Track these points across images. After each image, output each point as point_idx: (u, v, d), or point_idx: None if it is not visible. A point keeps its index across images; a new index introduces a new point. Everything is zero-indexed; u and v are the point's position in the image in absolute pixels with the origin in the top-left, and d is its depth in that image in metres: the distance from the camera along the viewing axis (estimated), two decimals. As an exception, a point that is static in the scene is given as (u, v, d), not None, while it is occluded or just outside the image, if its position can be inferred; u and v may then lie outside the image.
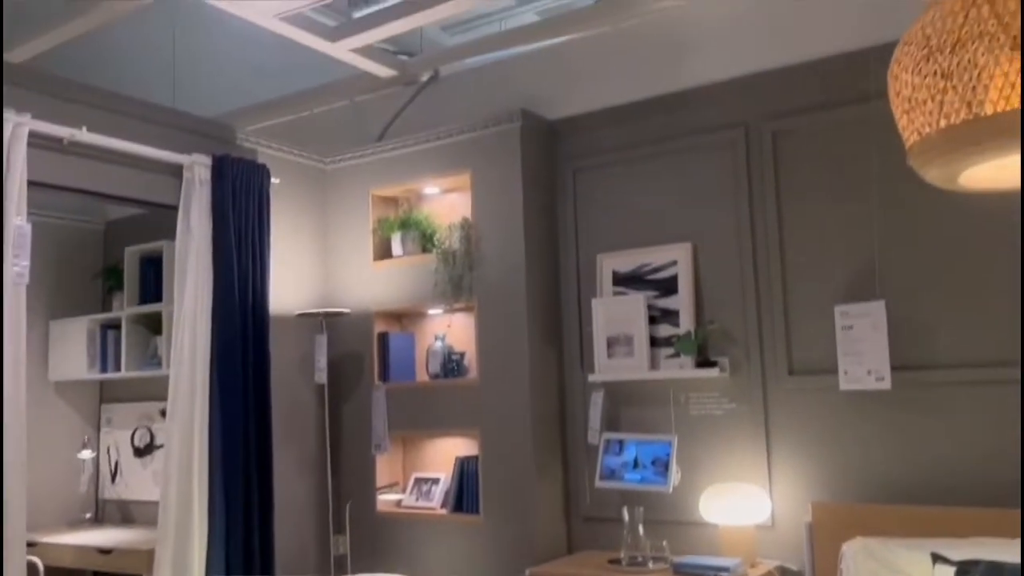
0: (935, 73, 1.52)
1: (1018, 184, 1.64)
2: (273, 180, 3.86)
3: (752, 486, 3.21)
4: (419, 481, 4.03)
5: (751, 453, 3.31)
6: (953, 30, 1.49)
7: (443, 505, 3.88)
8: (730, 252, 3.43)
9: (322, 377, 3.94)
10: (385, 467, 4.06)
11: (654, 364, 3.53)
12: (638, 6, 3.60)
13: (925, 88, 1.54)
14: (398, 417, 3.94)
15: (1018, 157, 1.57)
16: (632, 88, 3.70)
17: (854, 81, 3.13)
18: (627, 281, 3.66)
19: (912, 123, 1.59)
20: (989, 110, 1.47)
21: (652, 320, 3.56)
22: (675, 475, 3.33)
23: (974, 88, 1.47)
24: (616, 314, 3.61)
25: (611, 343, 3.61)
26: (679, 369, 3.44)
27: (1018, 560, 2.38)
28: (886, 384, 3.00)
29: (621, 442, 3.53)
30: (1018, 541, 2.53)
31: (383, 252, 4.13)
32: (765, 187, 3.36)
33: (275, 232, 3.85)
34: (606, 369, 3.60)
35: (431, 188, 4.10)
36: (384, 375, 4.03)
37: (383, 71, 4.17)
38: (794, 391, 3.26)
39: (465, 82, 4.20)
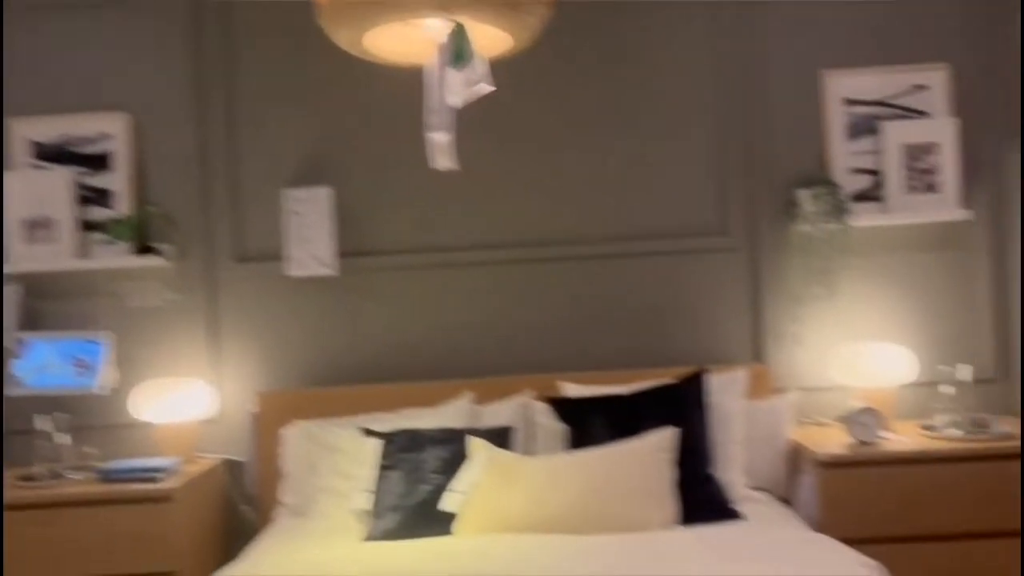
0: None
1: (421, 59, 1.64)
2: None
3: (196, 380, 3.01)
4: None
5: (197, 346, 3.11)
6: None
7: None
8: (175, 128, 3.11)
9: None
10: None
11: (85, 252, 3.08)
12: None
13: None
14: None
15: (420, 29, 1.57)
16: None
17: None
18: (52, 155, 3.10)
19: (320, -23, 1.48)
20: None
21: (84, 201, 3.09)
22: (109, 375, 2.97)
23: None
24: (36, 193, 3.05)
25: (31, 227, 3.06)
26: (115, 257, 3.06)
27: (431, 426, 2.60)
28: (332, 270, 3.03)
29: (32, 343, 3.03)
30: (434, 410, 2.77)
31: None
32: (216, 59, 3.08)
33: None
34: (24, 258, 3.04)
35: None
36: None
37: None
38: (243, 279, 3.12)
39: None
